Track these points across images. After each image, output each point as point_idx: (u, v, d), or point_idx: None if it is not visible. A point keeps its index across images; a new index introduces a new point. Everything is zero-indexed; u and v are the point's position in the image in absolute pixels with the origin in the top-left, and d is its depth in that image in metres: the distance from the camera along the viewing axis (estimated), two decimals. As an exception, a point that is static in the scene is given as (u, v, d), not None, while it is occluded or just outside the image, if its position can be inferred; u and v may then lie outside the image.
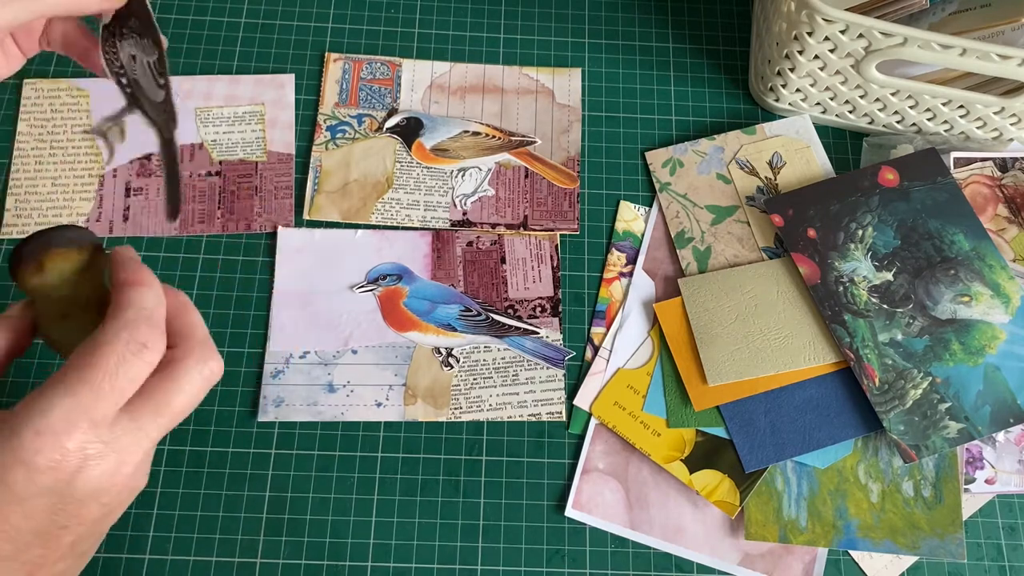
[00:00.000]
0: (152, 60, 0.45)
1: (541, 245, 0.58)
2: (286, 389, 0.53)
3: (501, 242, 0.58)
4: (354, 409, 0.53)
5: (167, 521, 0.51)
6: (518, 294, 0.57)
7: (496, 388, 0.54)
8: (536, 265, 0.58)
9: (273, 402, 0.53)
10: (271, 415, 0.53)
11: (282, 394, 0.53)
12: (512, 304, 0.57)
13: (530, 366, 0.55)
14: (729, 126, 0.63)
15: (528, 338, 0.55)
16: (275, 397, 0.53)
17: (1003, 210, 0.59)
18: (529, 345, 0.55)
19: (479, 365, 0.55)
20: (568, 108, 0.63)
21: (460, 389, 0.54)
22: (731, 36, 0.66)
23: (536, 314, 0.56)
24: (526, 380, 0.55)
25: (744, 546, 0.52)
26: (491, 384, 0.55)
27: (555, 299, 0.57)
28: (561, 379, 0.55)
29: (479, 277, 0.57)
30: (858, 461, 0.53)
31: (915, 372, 0.52)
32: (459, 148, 0.61)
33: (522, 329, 0.55)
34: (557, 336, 0.56)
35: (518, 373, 0.55)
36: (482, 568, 0.51)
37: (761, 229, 0.58)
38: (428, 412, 0.54)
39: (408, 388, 0.54)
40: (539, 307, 0.57)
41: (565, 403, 0.54)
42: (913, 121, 0.60)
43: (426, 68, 0.64)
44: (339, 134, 0.61)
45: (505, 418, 0.54)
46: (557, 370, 0.55)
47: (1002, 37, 0.55)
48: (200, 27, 0.63)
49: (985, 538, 0.53)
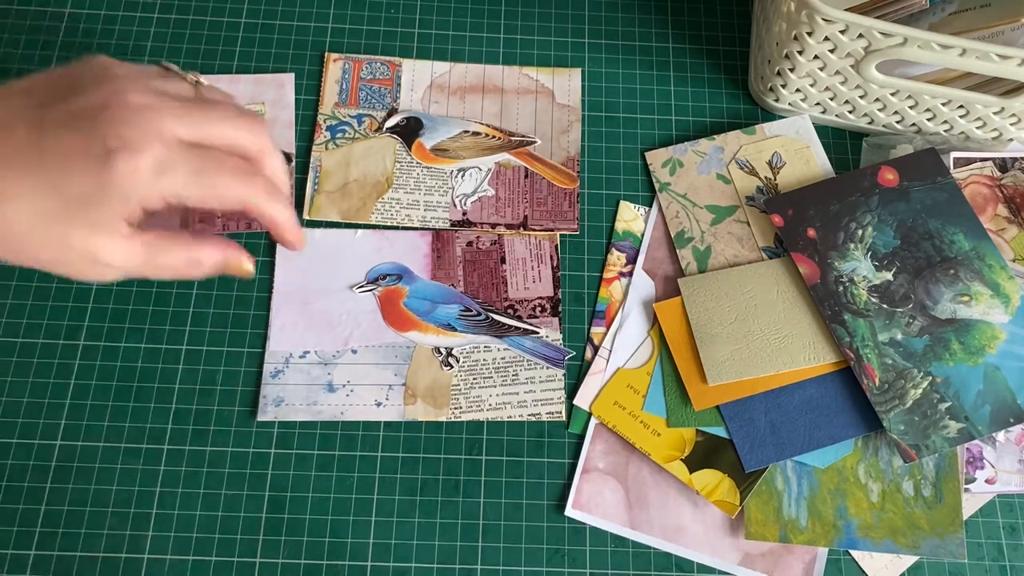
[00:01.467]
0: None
1: (541, 245, 0.58)
2: (286, 389, 0.53)
3: (501, 242, 0.58)
4: (354, 409, 0.53)
5: (166, 520, 0.51)
6: (518, 294, 0.57)
7: (496, 388, 0.54)
8: (536, 265, 0.58)
9: (273, 402, 0.53)
10: (271, 415, 0.53)
11: (282, 394, 0.53)
12: (512, 304, 0.57)
13: (530, 366, 0.55)
14: (729, 126, 0.63)
15: (528, 338, 0.55)
16: (275, 397, 0.53)
17: (1003, 210, 0.59)
18: (529, 345, 0.55)
19: (479, 365, 0.55)
20: (568, 108, 0.63)
21: (460, 389, 0.54)
22: (731, 36, 0.66)
23: (536, 314, 0.56)
24: (526, 380, 0.55)
25: (744, 546, 0.52)
26: (491, 384, 0.54)
27: (555, 299, 0.57)
28: (561, 379, 0.55)
29: (479, 277, 0.57)
30: (858, 461, 0.53)
31: (915, 372, 0.52)
32: (459, 148, 0.61)
33: (522, 329, 0.55)
34: (557, 336, 0.56)
35: (518, 373, 0.55)
36: (482, 568, 0.51)
37: (761, 229, 0.58)
38: (428, 412, 0.53)
39: (408, 388, 0.54)
40: (539, 307, 0.57)
41: (565, 403, 0.54)
42: (913, 121, 0.60)
43: (426, 68, 0.64)
44: (339, 134, 0.61)
45: (505, 418, 0.54)
46: (557, 370, 0.55)
47: (1002, 37, 0.55)
48: (200, 27, 0.63)
49: (985, 538, 0.53)
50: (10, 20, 0.62)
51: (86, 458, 0.52)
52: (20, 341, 0.54)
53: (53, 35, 0.62)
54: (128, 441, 0.52)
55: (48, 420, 0.52)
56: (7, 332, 0.54)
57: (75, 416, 0.53)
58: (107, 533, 0.50)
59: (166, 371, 0.54)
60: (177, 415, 0.53)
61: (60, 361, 0.54)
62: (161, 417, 0.53)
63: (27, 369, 0.53)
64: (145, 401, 0.53)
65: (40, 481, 0.51)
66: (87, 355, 0.54)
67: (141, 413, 0.53)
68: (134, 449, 0.52)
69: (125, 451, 0.52)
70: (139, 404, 0.53)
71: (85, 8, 0.63)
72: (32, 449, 0.52)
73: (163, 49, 0.62)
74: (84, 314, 0.55)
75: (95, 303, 0.55)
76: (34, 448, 0.52)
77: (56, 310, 0.55)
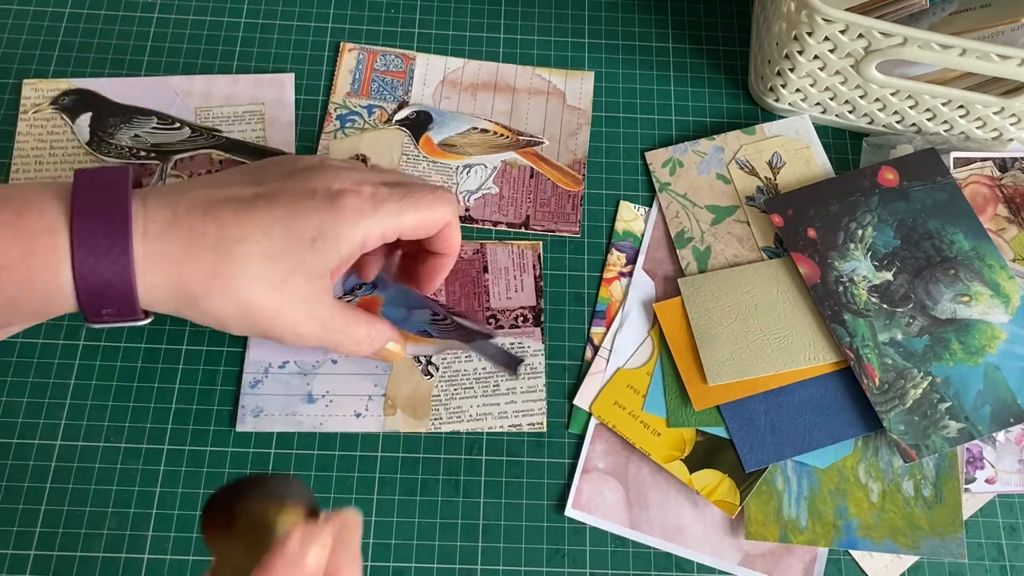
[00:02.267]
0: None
1: (524, 254, 0.58)
2: (265, 399, 0.53)
3: (483, 251, 0.58)
4: (333, 420, 0.53)
5: (166, 521, 0.51)
6: (500, 303, 0.57)
7: (477, 399, 0.54)
8: (518, 274, 0.57)
9: (252, 412, 0.53)
10: (249, 425, 0.52)
11: (261, 404, 0.53)
12: (494, 314, 0.56)
13: (510, 377, 0.55)
14: (729, 126, 0.63)
15: (489, 344, 0.52)
16: (254, 407, 0.53)
17: (1003, 210, 0.59)
18: (490, 350, 0.52)
19: (459, 375, 0.54)
20: (578, 111, 0.63)
21: (440, 399, 0.54)
22: (731, 36, 0.66)
23: (518, 324, 0.56)
24: (507, 390, 0.54)
25: (744, 546, 0.52)
26: (472, 395, 0.54)
27: (537, 308, 0.56)
28: (542, 389, 0.54)
29: (461, 287, 0.57)
30: (858, 461, 0.53)
31: (915, 372, 0.52)
32: (466, 144, 0.61)
33: (481, 333, 0.52)
34: (539, 347, 0.55)
35: (499, 383, 0.54)
36: (482, 568, 0.51)
37: (761, 229, 0.58)
38: (408, 423, 0.53)
39: (388, 398, 0.53)
40: (521, 316, 0.56)
41: (554, 398, 0.54)
42: (913, 121, 0.60)
43: (439, 63, 0.64)
44: (348, 123, 0.61)
45: (486, 429, 0.53)
46: (538, 380, 0.55)
47: (1002, 37, 0.55)
48: (200, 27, 0.63)
49: (985, 538, 0.53)
50: (10, 20, 0.62)
51: (86, 458, 0.52)
52: (20, 341, 0.54)
53: (53, 35, 0.62)
54: (128, 441, 0.52)
55: (48, 420, 0.52)
56: (7, 332, 0.54)
57: (75, 416, 0.53)
58: (107, 533, 0.50)
59: (166, 371, 0.54)
60: (177, 415, 0.53)
61: (60, 361, 0.54)
62: (161, 417, 0.53)
63: (27, 369, 0.53)
64: (145, 401, 0.53)
65: (40, 481, 0.51)
66: (87, 355, 0.54)
67: (141, 413, 0.53)
68: (134, 449, 0.52)
69: (125, 451, 0.52)
70: (139, 404, 0.53)
71: (85, 8, 0.63)
72: (32, 449, 0.52)
73: (163, 49, 0.62)
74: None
75: (95, 303, 0.55)
76: (34, 448, 0.52)
77: (56, 310, 0.55)
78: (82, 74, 0.61)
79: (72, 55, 0.62)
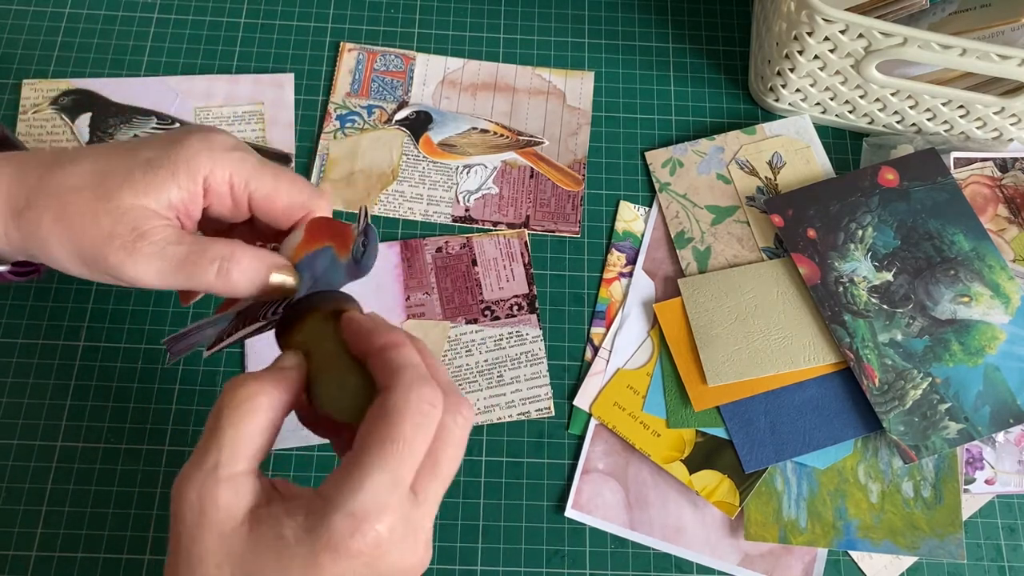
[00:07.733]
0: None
1: (511, 243, 0.58)
2: None
3: (470, 244, 0.58)
4: None
5: (167, 522, 0.51)
6: (493, 295, 0.57)
7: (483, 391, 0.54)
8: (508, 264, 0.57)
9: None
10: None
11: None
12: (489, 305, 0.56)
13: (514, 366, 0.55)
14: (729, 126, 0.63)
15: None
16: None
17: (1003, 210, 0.59)
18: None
19: (463, 369, 0.55)
20: (578, 111, 0.63)
21: None
22: (731, 36, 0.66)
23: (514, 312, 0.56)
24: (511, 380, 0.54)
25: (744, 546, 0.52)
26: (477, 388, 0.54)
27: (531, 295, 0.57)
28: (546, 375, 0.55)
29: (452, 282, 0.57)
30: (858, 461, 0.53)
31: (915, 372, 0.52)
32: (466, 144, 0.61)
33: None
34: (537, 333, 0.56)
35: (503, 374, 0.55)
36: (482, 568, 0.51)
37: (761, 229, 0.58)
38: None
39: None
40: (516, 305, 0.56)
41: (554, 398, 0.54)
42: (913, 121, 0.60)
43: (439, 63, 0.64)
44: (348, 123, 0.61)
45: (495, 420, 0.54)
46: (540, 366, 0.55)
47: (1002, 37, 0.55)
48: (200, 27, 0.63)
49: (985, 538, 0.53)
50: (10, 20, 0.62)
51: (86, 459, 0.52)
52: (20, 342, 0.54)
53: (53, 35, 0.62)
54: (128, 442, 0.52)
55: (48, 421, 0.52)
56: (7, 332, 0.54)
57: (75, 417, 0.53)
58: (108, 534, 0.50)
59: (166, 372, 0.54)
60: (178, 416, 0.53)
61: (60, 362, 0.54)
62: (162, 418, 0.53)
63: (27, 370, 0.53)
64: (145, 402, 0.53)
65: (41, 482, 0.51)
66: (87, 356, 0.54)
67: (141, 414, 0.53)
68: (135, 450, 0.52)
69: (126, 452, 0.52)
70: (139, 405, 0.53)
71: (85, 8, 0.63)
72: (33, 450, 0.52)
73: (163, 49, 0.62)
74: (84, 315, 0.55)
75: (95, 304, 0.55)
76: (35, 449, 0.52)
77: (56, 311, 0.55)
78: (82, 74, 0.61)
79: (72, 55, 0.61)
